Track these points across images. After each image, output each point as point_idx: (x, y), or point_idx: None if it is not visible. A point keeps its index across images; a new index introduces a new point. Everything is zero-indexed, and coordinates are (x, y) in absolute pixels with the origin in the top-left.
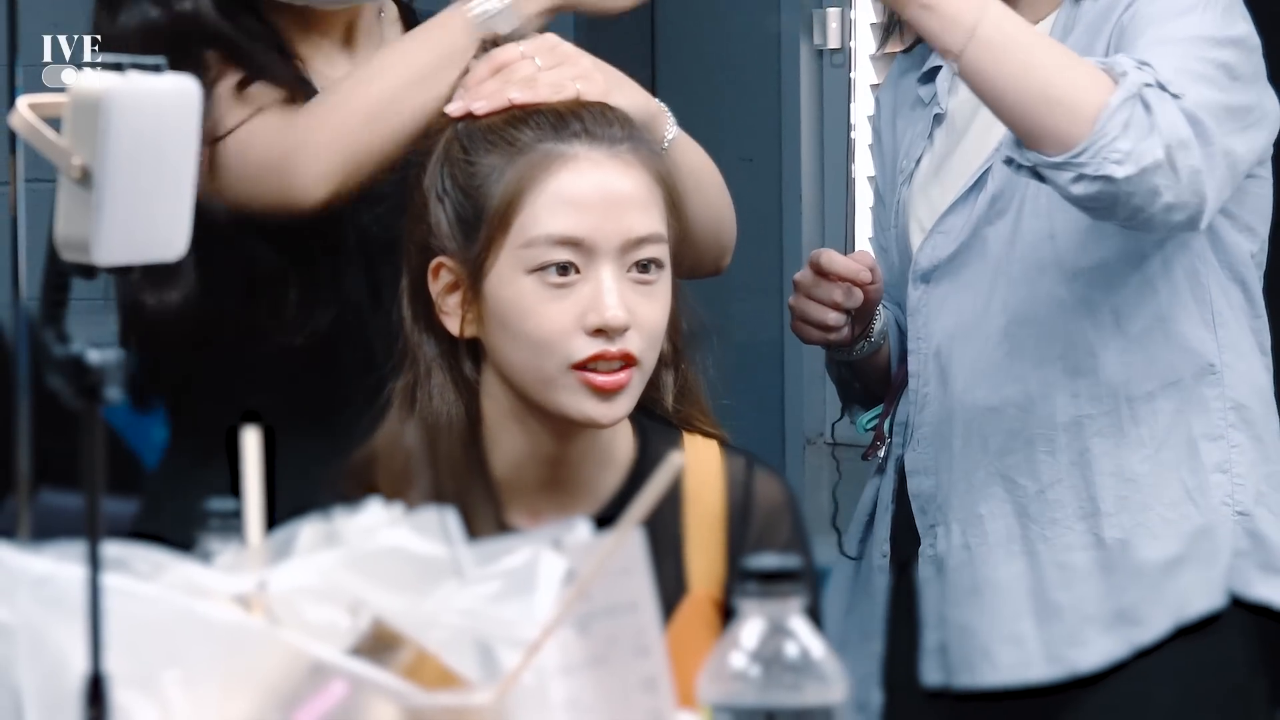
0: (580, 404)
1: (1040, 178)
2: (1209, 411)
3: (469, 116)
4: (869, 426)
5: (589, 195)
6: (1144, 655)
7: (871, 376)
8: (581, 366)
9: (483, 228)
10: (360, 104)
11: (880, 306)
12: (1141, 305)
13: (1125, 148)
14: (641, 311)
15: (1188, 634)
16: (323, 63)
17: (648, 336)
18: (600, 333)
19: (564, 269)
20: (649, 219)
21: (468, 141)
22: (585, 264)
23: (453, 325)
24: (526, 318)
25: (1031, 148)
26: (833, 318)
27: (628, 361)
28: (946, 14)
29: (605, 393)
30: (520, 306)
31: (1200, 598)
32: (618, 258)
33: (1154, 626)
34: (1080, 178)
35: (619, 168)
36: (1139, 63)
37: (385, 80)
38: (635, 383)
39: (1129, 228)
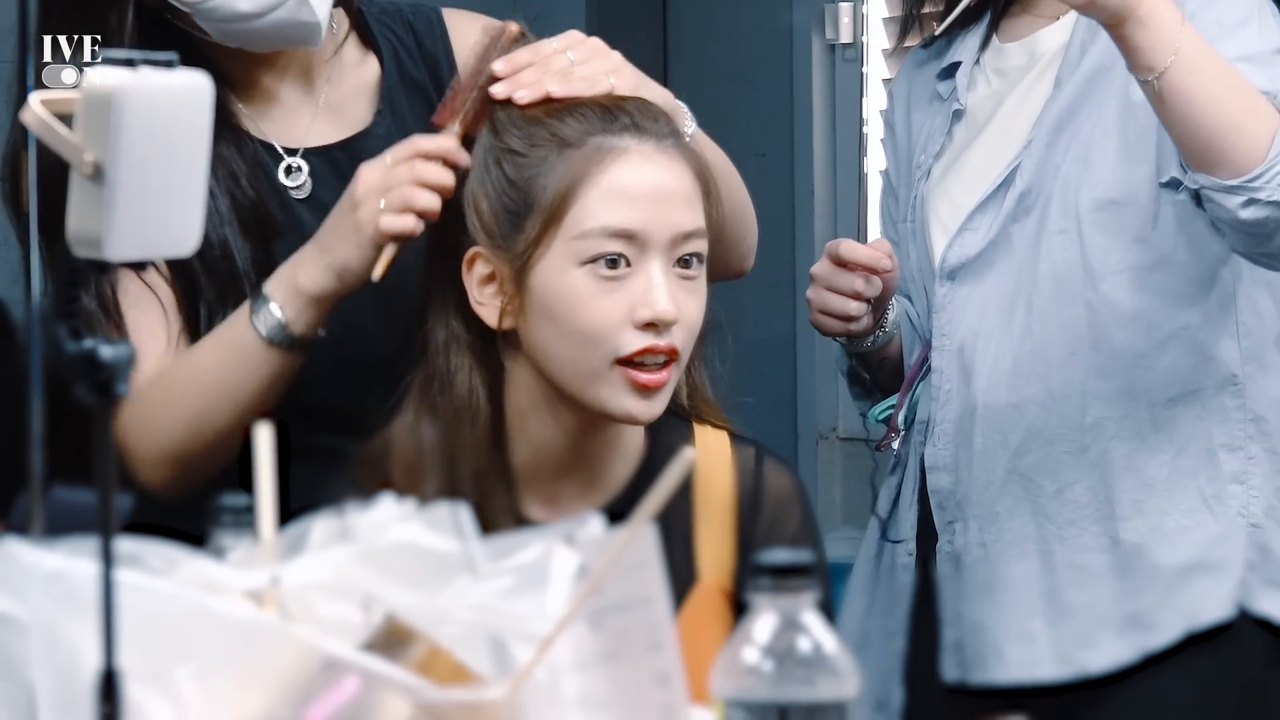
0: (621, 401)
1: (1198, 201)
2: (1229, 422)
3: (504, 101)
4: (881, 418)
5: (642, 189)
6: (1154, 660)
7: (883, 368)
8: (627, 361)
9: (533, 219)
10: (179, 416)
11: (893, 298)
12: (1167, 311)
13: None
14: (686, 307)
15: (1198, 641)
16: (278, 109)
17: (690, 332)
18: (650, 327)
19: (614, 262)
20: (695, 214)
21: (510, 132)
22: (636, 257)
23: (489, 316)
24: (577, 310)
25: (1203, 170)
26: (854, 307)
27: (671, 357)
28: (1157, 30)
29: (647, 390)
30: (570, 299)
31: (1212, 606)
32: (666, 251)
33: (1165, 632)
34: (1252, 202)
35: (666, 162)
36: None
37: (194, 396)
38: (673, 380)
39: (1265, 259)
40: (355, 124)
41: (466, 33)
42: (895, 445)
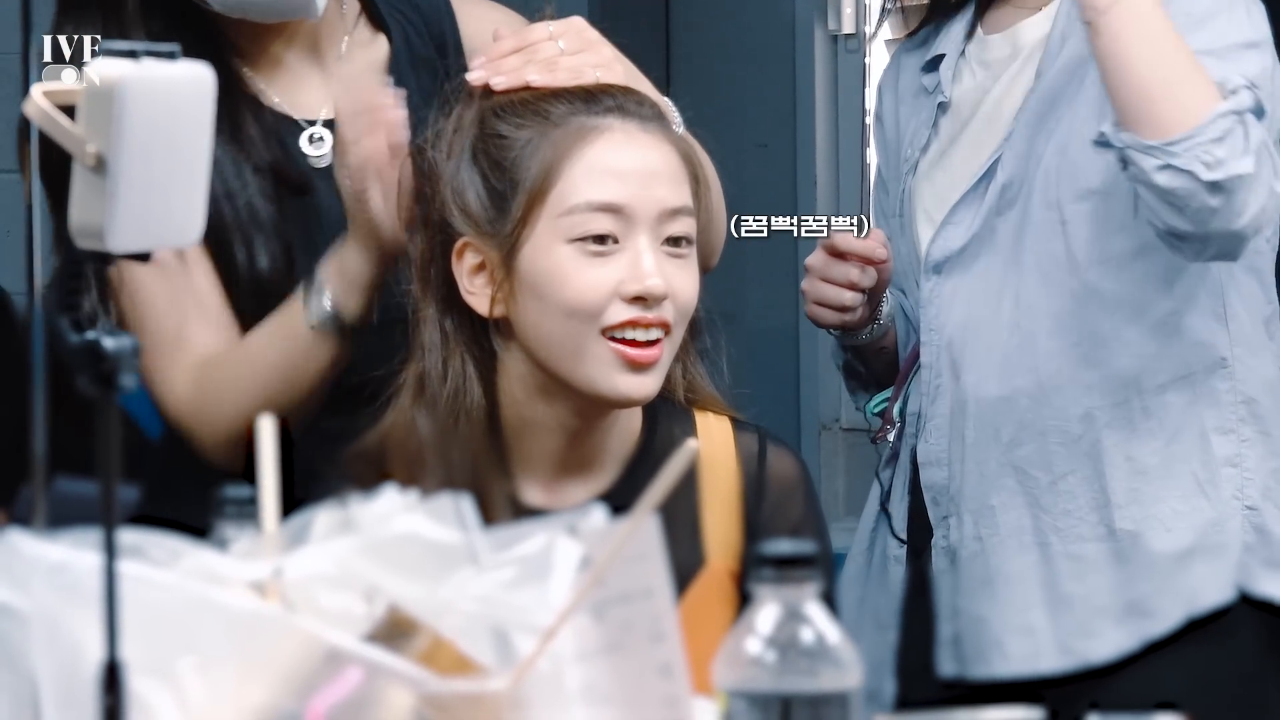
0: (612, 378)
1: (1124, 164)
2: (1220, 405)
3: (488, 89)
4: (876, 411)
5: (626, 165)
6: (1155, 647)
7: (878, 361)
8: (616, 334)
9: (518, 199)
10: (242, 403)
11: (887, 290)
12: (1153, 298)
13: (1220, 155)
14: (677, 282)
15: (1198, 626)
16: (289, 81)
17: (681, 308)
18: (639, 300)
19: (601, 239)
20: (680, 191)
21: (495, 117)
22: (623, 233)
23: (480, 305)
24: (564, 284)
25: (1129, 127)
26: (849, 297)
27: (664, 330)
28: None
29: (638, 366)
30: (558, 274)
31: (1211, 591)
32: (654, 228)
33: (1165, 619)
34: (1168, 167)
35: (651, 141)
36: (1248, 82)
37: (256, 384)
38: (665, 357)
39: (1180, 243)
40: None
41: (474, 17)
42: (891, 439)
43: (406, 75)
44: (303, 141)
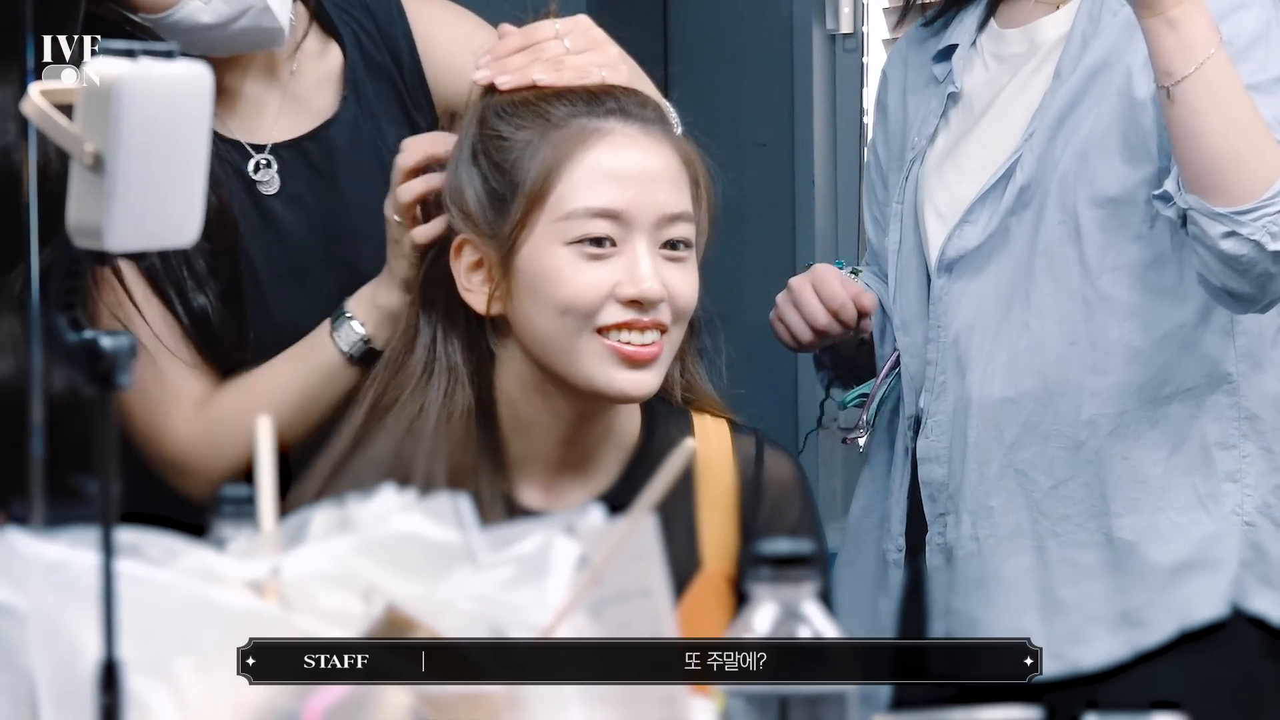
0: (609, 374)
1: (1183, 222)
2: (1223, 419)
3: (492, 88)
4: (851, 403)
5: (626, 170)
6: (1146, 658)
7: (846, 353)
8: (611, 335)
9: (517, 201)
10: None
11: (864, 284)
12: (1163, 309)
13: None
14: (675, 283)
15: (1190, 640)
16: (242, 105)
17: (680, 310)
18: (634, 304)
19: (599, 241)
20: (681, 197)
21: (496, 117)
22: (621, 237)
23: (477, 302)
24: (561, 284)
25: (1196, 192)
26: (808, 339)
27: (660, 331)
28: (1185, 38)
29: (635, 362)
30: (554, 274)
31: (1205, 605)
32: (652, 232)
33: (1158, 630)
34: (1233, 234)
35: (652, 145)
36: None
37: (273, 414)
38: (665, 355)
39: (1233, 301)
40: (322, 113)
41: (426, 16)
42: (861, 442)
43: (362, 83)
44: (249, 169)
